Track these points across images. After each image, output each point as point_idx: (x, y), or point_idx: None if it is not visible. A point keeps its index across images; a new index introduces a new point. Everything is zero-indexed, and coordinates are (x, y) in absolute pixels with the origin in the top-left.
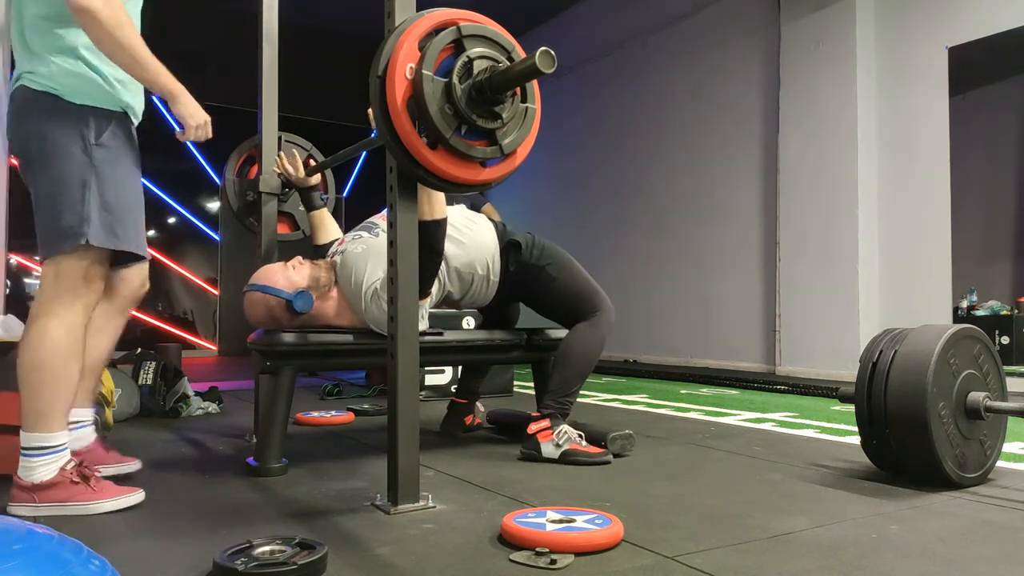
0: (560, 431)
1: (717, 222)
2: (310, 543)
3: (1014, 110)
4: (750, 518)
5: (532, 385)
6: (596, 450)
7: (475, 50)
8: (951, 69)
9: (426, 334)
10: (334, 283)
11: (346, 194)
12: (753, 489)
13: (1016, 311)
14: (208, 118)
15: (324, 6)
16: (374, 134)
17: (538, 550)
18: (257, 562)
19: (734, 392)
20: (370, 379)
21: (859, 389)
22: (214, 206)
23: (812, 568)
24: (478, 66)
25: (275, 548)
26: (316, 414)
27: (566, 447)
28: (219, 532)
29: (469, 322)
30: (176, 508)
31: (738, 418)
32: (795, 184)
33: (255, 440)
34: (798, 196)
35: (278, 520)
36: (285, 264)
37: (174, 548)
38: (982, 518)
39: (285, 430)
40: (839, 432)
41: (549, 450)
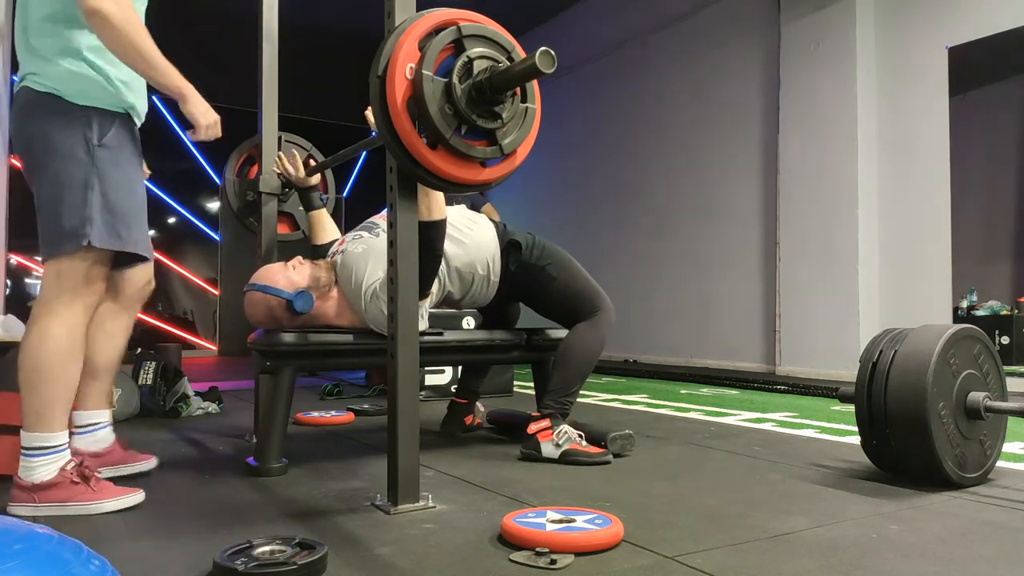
0: (560, 431)
1: (717, 222)
2: (310, 543)
3: (1014, 110)
4: (750, 518)
5: (532, 385)
6: (596, 450)
7: (475, 50)
8: (951, 69)
9: (426, 334)
10: (334, 283)
11: (346, 194)
12: (753, 489)
13: (1016, 311)
14: (218, 117)
15: (324, 6)
16: (374, 134)
17: (538, 550)
18: (257, 562)
19: (734, 392)
20: (370, 379)
21: (859, 389)
22: (214, 206)
23: (812, 568)
24: (478, 66)
25: (275, 548)
26: (316, 414)
27: (566, 447)
28: (219, 532)
29: (469, 322)
30: (176, 508)
31: (738, 418)
32: (795, 184)
33: (255, 440)
34: (798, 196)
35: (278, 520)
36: (285, 264)
37: (174, 548)
38: (982, 518)
39: (285, 430)
40: (839, 432)
41: (549, 450)
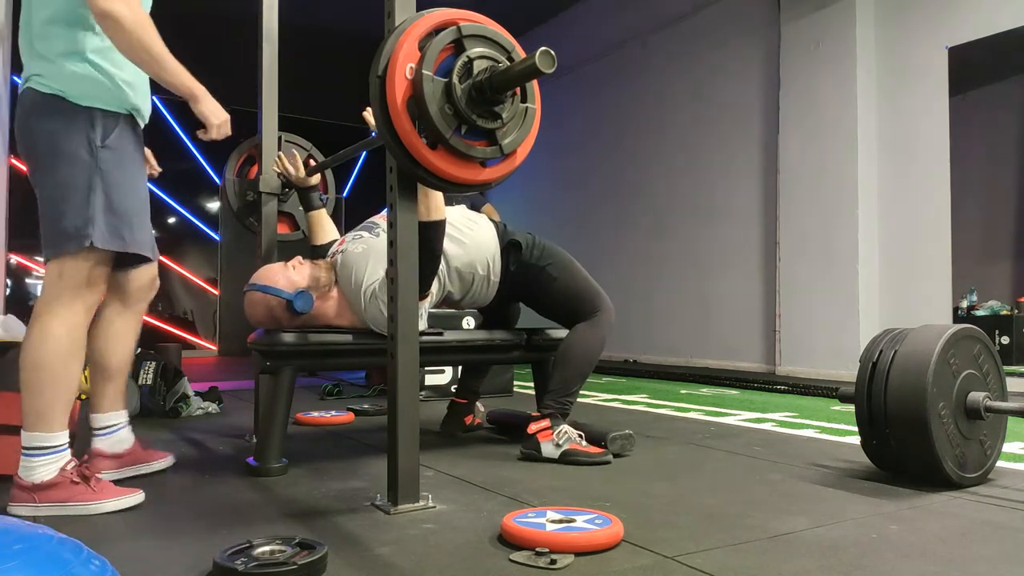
0: (560, 431)
1: (717, 222)
2: (310, 543)
3: (1014, 110)
4: (750, 518)
5: (532, 385)
6: (596, 450)
7: (475, 50)
8: (951, 69)
9: (425, 334)
10: (334, 283)
11: (346, 194)
12: (753, 489)
13: (1016, 311)
14: (228, 116)
15: (324, 6)
16: (374, 134)
17: (538, 550)
18: (257, 562)
19: (734, 392)
20: (370, 379)
21: (859, 389)
22: (214, 206)
23: (812, 568)
24: (478, 66)
25: (275, 548)
26: (316, 414)
27: (566, 447)
28: (219, 532)
29: (469, 322)
30: (176, 508)
31: (738, 418)
32: (795, 184)
33: (255, 440)
34: (798, 196)
35: (278, 520)
36: (285, 264)
37: (174, 548)
38: (982, 518)
39: (285, 430)
40: (839, 432)
41: (549, 450)
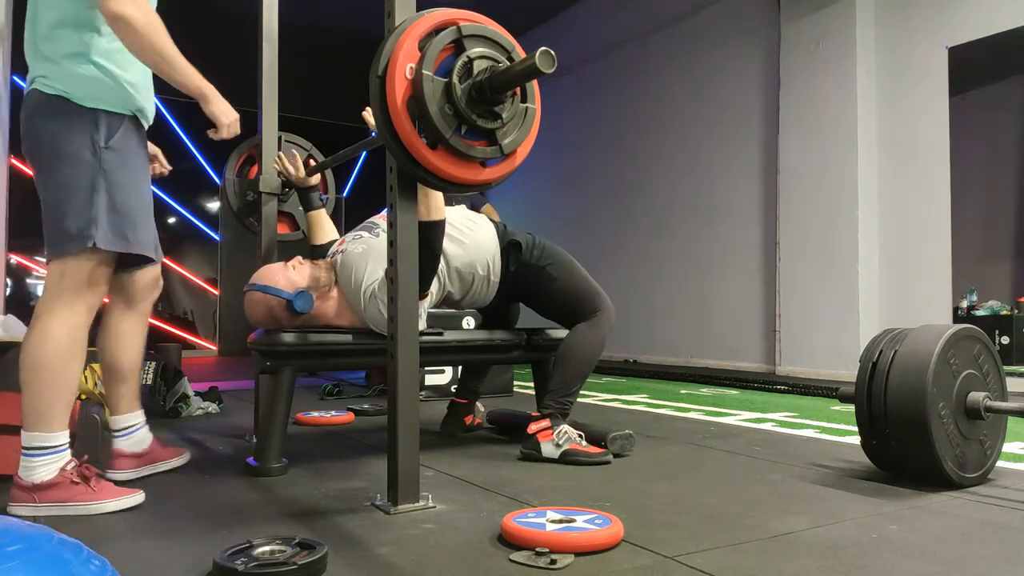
0: (560, 431)
1: (717, 222)
2: (310, 543)
3: (1014, 110)
4: (750, 518)
5: (532, 385)
6: (596, 450)
7: (475, 50)
8: (951, 69)
9: (425, 334)
10: (334, 283)
11: (346, 194)
12: (753, 489)
13: (1016, 311)
14: (237, 116)
15: (324, 6)
16: (374, 134)
17: (538, 550)
18: (257, 562)
19: (734, 392)
20: (370, 379)
21: (859, 389)
22: (214, 206)
23: (812, 568)
24: (478, 66)
25: (275, 548)
26: (316, 414)
27: (566, 447)
28: (219, 532)
29: (469, 322)
30: (176, 508)
31: (738, 418)
32: (795, 184)
33: (255, 440)
34: (798, 196)
35: (278, 520)
36: (285, 264)
37: (174, 548)
38: (982, 518)
39: (285, 430)
40: (839, 432)
41: (549, 450)
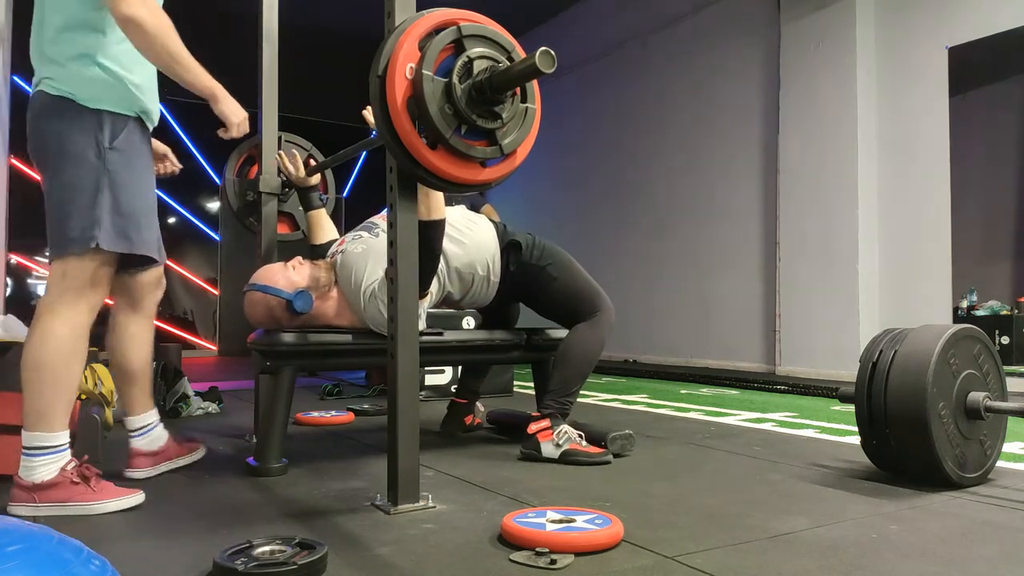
0: (560, 431)
1: (717, 222)
2: (310, 543)
3: (1014, 110)
4: (750, 518)
5: (532, 385)
6: (596, 450)
7: (475, 50)
8: (951, 69)
9: (425, 334)
10: (334, 283)
11: (346, 194)
12: (753, 489)
13: (1016, 311)
14: (246, 115)
15: (324, 6)
16: (374, 134)
17: (538, 550)
18: (257, 562)
19: (734, 392)
20: (370, 379)
21: (859, 389)
22: (214, 206)
23: (812, 568)
24: (478, 66)
25: (275, 548)
26: (316, 414)
27: (566, 447)
28: (219, 532)
29: (469, 322)
30: (176, 508)
31: (738, 418)
32: (795, 184)
33: (255, 440)
34: (798, 196)
35: (278, 520)
36: (285, 264)
37: (174, 548)
38: (982, 518)
39: (285, 430)
40: (839, 432)
41: (549, 450)
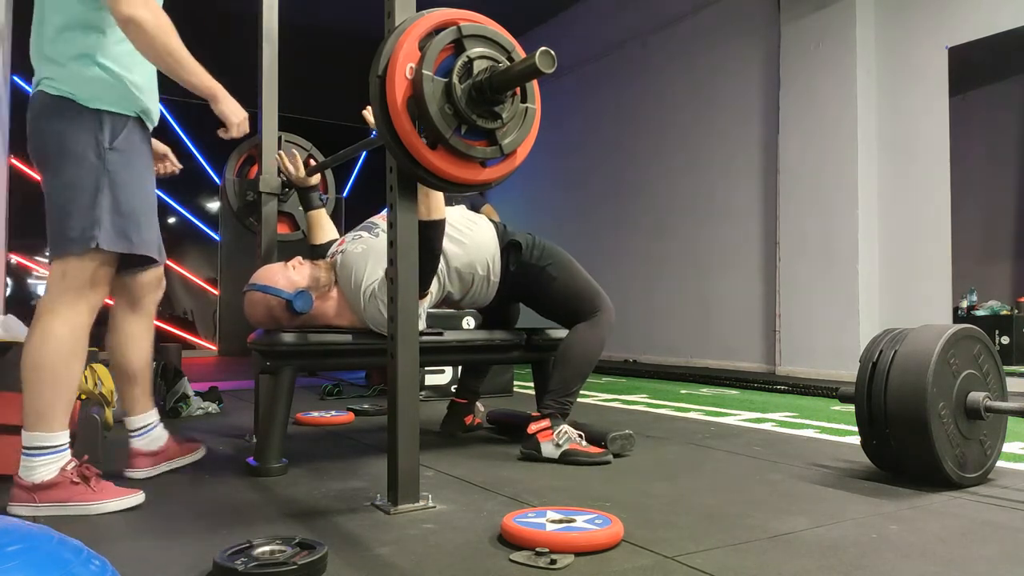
0: (560, 431)
1: (717, 222)
2: (310, 543)
3: (1014, 110)
4: (750, 518)
5: (532, 385)
6: (596, 450)
7: (475, 50)
8: (951, 69)
9: (425, 334)
10: (334, 283)
11: (346, 194)
12: (753, 489)
13: (1016, 311)
14: (247, 115)
15: (324, 6)
16: (374, 134)
17: (538, 550)
18: (257, 562)
19: (734, 392)
20: (370, 379)
21: (859, 389)
22: (214, 206)
23: (812, 568)
24: (478, 66)
25: (275, 548)
26: (316, 414)
27: (566, 447)
28: (219, 532)
29: (469, 322)
30: (176, 508)
31: (738, 418)
32: (795, 184)
33: (255, 440)
34: (798, 196)
35: (278, 520)
36: (285, 264)
37: (174, 548)
38: (982, 518)
39: (285, 430)
40: (839, 432)
41: (549, 450)
